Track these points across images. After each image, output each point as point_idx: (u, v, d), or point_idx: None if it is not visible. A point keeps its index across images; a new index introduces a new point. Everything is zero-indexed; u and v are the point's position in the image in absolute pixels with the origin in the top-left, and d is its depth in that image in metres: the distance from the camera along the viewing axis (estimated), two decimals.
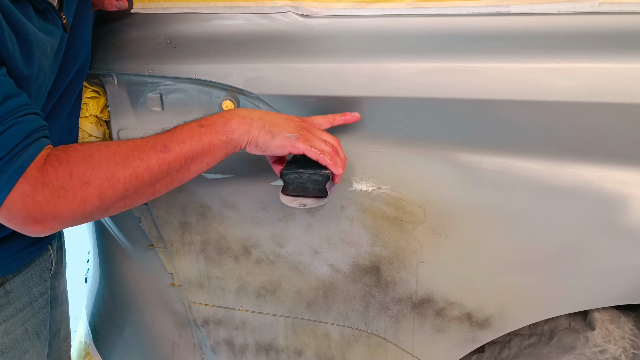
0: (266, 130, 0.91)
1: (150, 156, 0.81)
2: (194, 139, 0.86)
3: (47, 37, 0.84)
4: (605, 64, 0.90)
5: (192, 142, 0.85)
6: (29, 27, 0.78)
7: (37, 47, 0.80)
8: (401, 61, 0.97)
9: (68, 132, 1.05)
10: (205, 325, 1.24)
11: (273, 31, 1.03)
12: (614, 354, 1.09)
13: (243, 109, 0.92)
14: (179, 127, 0.86)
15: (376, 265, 1.08)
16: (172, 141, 0.84)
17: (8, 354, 1.04)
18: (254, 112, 0.92)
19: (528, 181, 1.00)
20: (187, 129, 0.86)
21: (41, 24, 0.83)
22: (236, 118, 0.89)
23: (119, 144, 0.80)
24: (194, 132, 0.86)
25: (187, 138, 0.85)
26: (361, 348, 1.18)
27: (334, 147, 0.94)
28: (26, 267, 1.07)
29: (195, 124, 0.87)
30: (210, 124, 0.88)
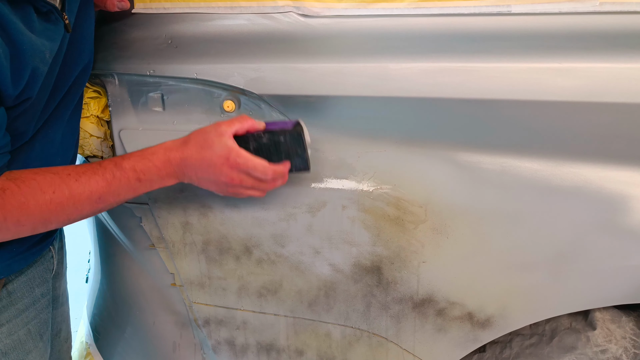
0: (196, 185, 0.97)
1: (84, 206, 0.88)
2: (129, 193, 0.92)
3: (47, 41, 0.84)
4: (606, 63, 0.91)
5: (126, 195, 0.92)
6: (25, 37, 0.78)
7: (32, 57, 0.80)
8: (402, 61, 0.97)
9: (70, 132, 1.05)
10: (206, 325, 1.24)
11: (274, 31, 1.03)
12: (615, 353, 1.09)
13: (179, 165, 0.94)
14: (117, 176, 0.90)
15: (377, 265, 1.08)
16: (108, 194, 0.89)
17: (11, 354, 1.04)
18: (187, 172, 0.95)
19: (529, 181, 1.00)
20: (124, 182, 0.90)
21: (43, 26, 0.83)
22: (171, 180, 0.95)
23: (55, 189, 0.84)
24: (130, 187, 0.91)
25: (123, 192, 0.91)
26: (362, 348, 1.18)
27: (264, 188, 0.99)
28: (28, 267, 1.07)
29: (133, 176, 0.91)
30: (148, 180, 0.92)
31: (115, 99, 1.13)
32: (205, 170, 0.94)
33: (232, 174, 0.94)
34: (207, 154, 0.92)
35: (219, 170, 0.93)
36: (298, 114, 1.05)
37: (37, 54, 0.81)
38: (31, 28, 0.79)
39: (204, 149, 0.93)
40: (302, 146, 0.96)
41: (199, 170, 0.94)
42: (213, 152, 0.92)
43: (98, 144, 1.20)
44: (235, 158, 0.93)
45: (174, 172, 0.94)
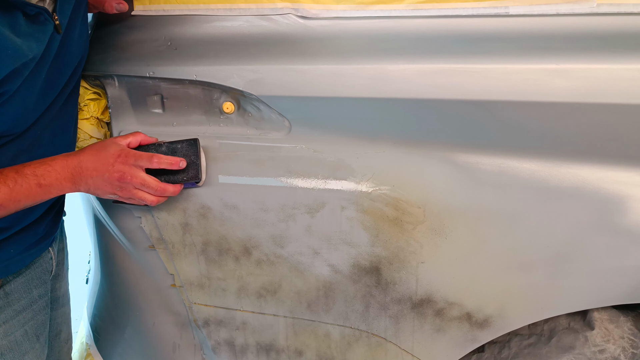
0: (92, 192, 1.00)
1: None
2: (28, 199, 0.93)
3: (34, 43, 0.85)
4: (603, 64, 0.91)
5: (26, 201, 0.93)
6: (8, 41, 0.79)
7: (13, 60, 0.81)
8: (400, 62, 0.98)
9: (61, 132, 1.05)
10: (206, 325, 1.25)
11: (273, 33, 1.03)
12: (613, 353, 1.09)
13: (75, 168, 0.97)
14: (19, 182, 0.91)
15: (376, 265, 1.09)
16: (9, 200, 0.90)
17: (7, 355, 1.04)
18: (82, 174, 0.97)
19: (527, 181, 1.00)
20: (26, 187, 0.91)
21: (31, 29, 0.84)
22: (68, 184, 0.96)
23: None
24: (30, 193, 0.92)
25: (23, 198, 0.92)
26: (361, 348, 1.18)
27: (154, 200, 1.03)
28: (26, 269, 1.07)
29: (34, 182, 0.92)
30: (48, 185, 0.94)
31: (115, 101, 1.14)
32: (99, 168, 0.97)
33: (123, 168, 0.98)
34: (102, 155, 0.98)
35: (111, 167, 0.97)
36: (296, 115, 1.05)
37: (19, 58, 0.82)
38: (17, 32, 0.80)
39: (99, 151, 0.98)
40: (197, 154, 1.03)
41: (94, 172, 0.97)
42: (107, 152, 0.98)
43: None
44: (126, 154, 0.98)
45: (70, 177, 0.96)
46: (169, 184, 1.02)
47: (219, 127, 1.12)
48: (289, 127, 1.08)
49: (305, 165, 1.07)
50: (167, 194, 1.03)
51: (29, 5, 0.81)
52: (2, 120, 0.88)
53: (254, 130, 1.10)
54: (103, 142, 1.00)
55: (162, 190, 1.01)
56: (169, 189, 1.02)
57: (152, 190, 1.00)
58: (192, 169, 1.03)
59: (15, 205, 0.91)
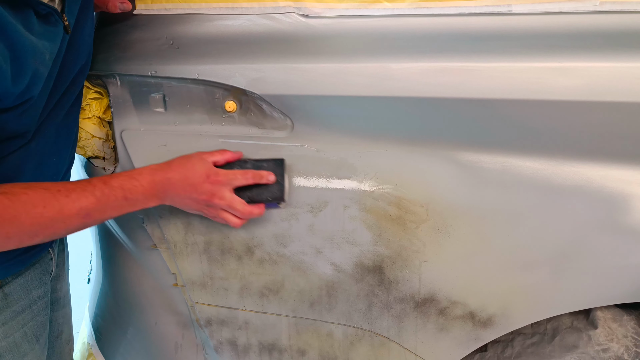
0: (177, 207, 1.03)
1: (72, 221, 0.90)
2: (114, 210, 0.95)
3: (47, 42, 0.84)
4: (607, 62, 0.91)
5: (111, 213, 0.95)
6: (26, 39, 0.78)
7: (33, 59, 0.81)
8: (403, 61, 0.98)
9: (66, 132, 1.05)
10: (208, 325, 1.24)
11: (275, 32, 1.03)
12: (617, 352, 1.09)
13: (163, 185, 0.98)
14: (106, 193, 0.92)
15: (379, 264, 1.09)
16: (96, 210, 0.92)
17: (6, 357, 1.04)
18: (169, 192, 0.99)
19: (530, 180, 1.00)
20: (112, 199, 0.93)
21: (43, 29, 0.83)
22: (154, 200, 0.99)
23: (46, 203, 0.86)
24: (116, 205, 0.94)
25: (109, 209, 0.94)
26: (364, 347, 1.18)
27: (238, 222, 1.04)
28: (26, 270, 1.07)
29: (120, 195, 0.94)
30: (134, 199, 0.96)
31: (117, 100, 1.14)
32: (187, 188, 0.99)
33: (212, 189, 0.99)
34: (189, 173, 0.99)
35: (199, 187, 0.99)
36: (299, 114, 1.05)
37: (37, 56, 0.82)
38: (31, 30, 0.80)
39: (187, 169, 0.99)
40: (282, 174, 1.02)
41: (180, 189, 0.99)
42: (195, 171, 0.99)
43: (100, 144, 1.20)
44: (215, 175, 1.00)
45: (157, 193, 0.98)
46: (254, 207, 1.03)
47: (221, 126, 1.12)
48: (292, 126, 1.08)
49: (308, 164, 1.07)
50: (252, 216, 1.04)
51: (41, 5, 0.81)
52: (24, 122, 0.89)
53: (256, 129, 1.10)
54: (190, 159, 1.01)
55: (248, 214, 1.02)
56: (254, 211, 1.03)
57: (239, 213, 1.02)
58: (276, 189, 1.03)
59: (100, 216, 0.93)
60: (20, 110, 0.85)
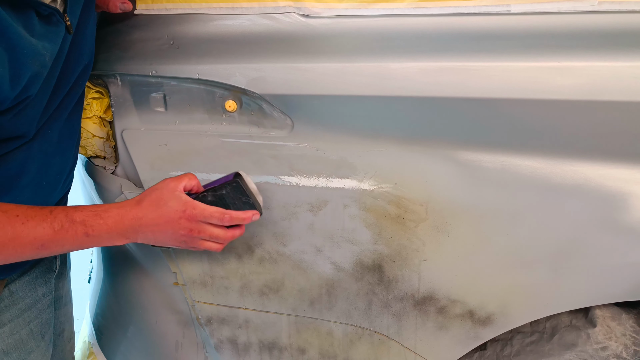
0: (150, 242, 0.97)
1: (25, 250, 0.85)
2: (73, 245, 0.89)
3: (48, 43, 0.84)
4: (605, 62, 0.91)
5: (70, 247, 0.90)
6: (25, 42, 0.78)
7: (32, 61, 0.80)
8: (403, 60, 0.98)
9: (69, 133, 1.05)
10: (208, 324, 1.25)
11: (275, 31, 1.03)
12: (615, 350, 1.10)
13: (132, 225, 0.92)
14: (65, 227, 0.87)
15: (379, 263, 1.09)
16: (53, 242, 0.86)
17: (13, 354, 1.05)
18: (140, 230, 0.93)
19: (529, 179, 1.01)
20: (71, 234, 0.87)
21: (44, 29, 0.83)
22: (121, 239, 0.93)
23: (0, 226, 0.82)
24: (76, 240, 0.89)
25: (68, 244, 0.89)
26: (364, 346, 1.18)
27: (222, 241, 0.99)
28: (31, 268, 1.08)
29: (81, 230, 0.88)
30: (96, 236, 0.90)
31: (117, 100, 1.14)
32: (163, 226, 0.94)
33: (190, 225, 0.94)
34: (164, 211, 0.93)
35: (176, 224, 0.94)
36: (299, 113, 1.06)
37: (37, 58, 0.81)
38: (32, 32, 0.80)
39: (160, 206, 0.93)
40: (246, 194, 0.97)
41: (155, 228, 0.94)
42: (169, 208, 0.93)
43: (101, 144, 1.20)
44: (192, 210, 0.94)
45: (125, 232, 0.93)
46: (235, 229, 0.99)
47: (221, 126, 1.12)
48: (292, 125, 1.08)
49: (308, 164, 1.08)
50: (235, 238, 1.00)
51: (43, 5, 0.81)
52: (21, 122, 0.88)
53: (256, 128, 1.11)
54: (160, 193, 0.94)
55: (231, 238, 0.99)
56: (236, 233, 0.99)
57: (222, 240, 0.98)
58: (248, 207, 0.98)
59: (58, 248, 0.89)
60: (16, 110, 0.84)
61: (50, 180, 1.01)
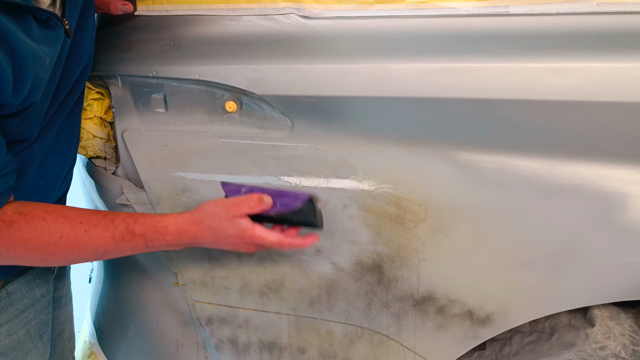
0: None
1: (87, 255, 0.90)
2: (134, 252, 0.95)
3: (47, 47, 0.85)
4: (603, 63, 0.92)
5: (130, 253, 0.95)
6: (26, 45, 0.79)
7: (33, 65, 0.81)
8: (402, 61, 0.98)
9: (67, 133, 1.05)
10: (209, 323, 1.25)
11: (275, 32, 1.04)
12: (614, 350, 1.10)
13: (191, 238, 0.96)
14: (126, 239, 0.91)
15: (378, 263, 1.09)
16: (114, 249, 0.92)
17: (10, 355, 1.05)
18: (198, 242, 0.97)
19: (528, 179, 1.01)
20: (132, 245, 0.93)
21: (43, 34, 0.84)
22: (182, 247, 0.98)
23: (63, 234, 0.86)
24: (136, 249, 0.94)
25: (128, 251, 0.94)
26: (364, 346, 1.19)
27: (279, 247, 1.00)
28: (28, 268, 1.08)
29: (141, 243, 0.93)
30: (156, 247, 0.95)
31: (118, 100, 1.15)
32: (222, 245, 0.99)
33: (249, 248, 0.99)
34: (222, 238, 0.96)
35: (235, 245, 0.98)
36: (299, 114, 1.06)
37: (37, 62, 0.82)
38: (31, 36, 0.80)
39: (218, 233, 0.96)
40: (314, 223, 0.99)
41: (213, 246, 0.99)
42: (228, 235, 0.96)
43: (101, 144, 1.21)
44: (251, 237, 0.96)
45: (182, 245, 0.97)
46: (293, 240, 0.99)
47: (221, 126, 1.12)
48: (292, 126, 1.09)
49: (308, 164, 1.08)
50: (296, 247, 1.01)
51: (40, 10, 0.81)
52: (26, 127, 0.89)
53: (256, 129, 1.11)
54: (219, 220, 0.95)
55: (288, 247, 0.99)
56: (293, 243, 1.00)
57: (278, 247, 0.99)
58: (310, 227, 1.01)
59: (118, 254, 0.94)
60: (23, 116, 0.85)
61: (48, 180, 1.01)
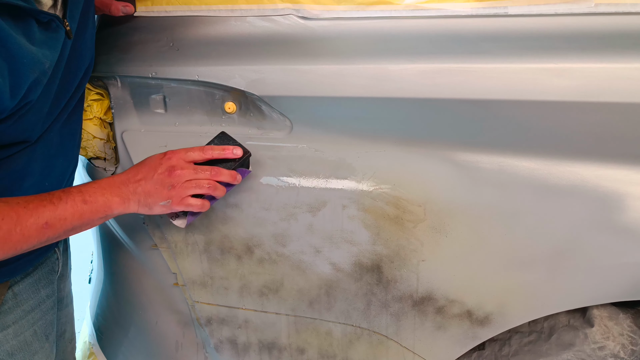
0: (142, 204, 0.98)
1: (31, 232, 0.86)
2: (75, 217, 0.92)
3: (48, 51, 0.85)
4: (601, 64, 0.92)
5: (72, 220, 0.92)
6: (25, 51, 0.79)
7: (32, 70, 0.81)
8: (401, 62, 0.99)
9: (70, 134, 1.05)
10: (208, 324, 1.26)
11: (274, 33, 1.04)
12: (613, 350, 1.10)
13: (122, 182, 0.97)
14: (64, 199, 0.91)
15: (377, 263, 1.10)
16: (55, 218, 0.89)
17: (18, 355, 1.05)
18: (130, 186, 0.97)
19: (527, 180, 1.01)
20: (70, 205, 0.91)
21: (44, 36, 0.84)
22: (116, 199, 0.96)
23: (4, 215, 0.83)
24: (75, 210, 0.92)
25: (69, 216, 0.91)
26: (363, 346, 1.19)
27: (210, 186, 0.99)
28: (34, 269, 1.08)
29: (79, 198, 0.92)
30: (93, 201, 0.93)
31: (117, 101, 1.15)
32: (146, 173, 0.98)
33: (171, 163, 0.98)
34: (147, 161, 0.99)
35: (159, 166, 0.98)
36: (298, 115, 1.07)
37: (37, 67, 0.82)
38: (32, 40, 0.80)
39: (145, 161, 1.00)
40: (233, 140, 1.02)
41: (141, 179, 0.97)
42: (150, 159, 1.00)
43: (101, 145, 1.21)
44: (171, 152, 0.99)
45: (118, 191, 0.96)
46: (224, 173, 0.99)
47: (221, 127, 1.13)
48: (291, 126, 1.09)
49: (307, 165, 1.08)
50: (222, 178, 1.00)
51: (42, 13, 0.81)
52: (22, 128, 0.89)
53: (255, 129, 1.11)
54: (153, 156, 1.00)
55: (216, 174, 0.99)
56: (223, 172, 1.00)
57: (207, 175, 0.98)
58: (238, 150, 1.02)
59: (62, 225, 0.90)
60: (16, 117, 0.85)
61: (53, 181, 1.01)
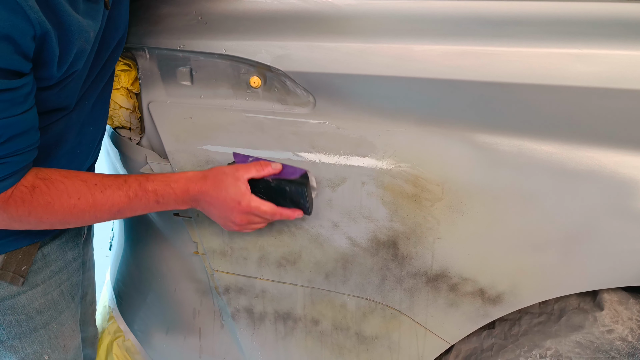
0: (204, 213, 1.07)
1: (103, 215, 0.95)
2: (144, 210, 1.00)
3: (91, 21, 0.87)
4: (625, 50, 0.92)
5: (142, 211, 1.00)
6: (73, 19, 0.81)
7: (79, 38, 0.84)
8: (425, 43, 0.99)
9: (102, 103, 1.09)
10: (226, 293, 1.29)
11: (301, 10, 1.05)
12: (621, 334, 1.12)
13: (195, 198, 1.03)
14: (139, 195, 0.97)
15: (394, 240, 1.12)
16: (127, 209, 0.97)
17: (45, 313, 1.10)
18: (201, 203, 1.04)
19: (545, 163, 1.02)
20: (144, 201, 0.98)
21: (87, 7, 0.86)
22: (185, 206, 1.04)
23: (81, 196, 0.91)
24: (147, 206, 0.99)
25: (140, 209, 0.99)
26: (376, 319, 1.22)
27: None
28: (61, 232, 1.12)
29: (153, 199, 0.99)
30: (165, 203, 1.01)
31: (145, 72, 1.17)
32: (218, 208, 1.03)
33: (241, 216, 1.03)
34: (222, 195, 1.01)
35: (230, 211, 1.02)
36: (322, 91, 1.08)
37: (82, 35, 0.85)
38: (77, 9, 0.83)
39: (220, 189, 1.01)
40: (305, 197, 1.04)
41: (212, 206, 1.03)
42: (227, 194, 1.01)
43: (127, 115, 1.23)
44: (248, 203, 1.02)
45: (188, 201, 1.02)
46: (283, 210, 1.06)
47: (245, 101, 1.15)
48: (314, 102, 1.10)
49: (328, 141, 1.10)
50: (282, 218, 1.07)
51: None
52: (64, 95, 0.93)
53: (279, 105, 1.13)
54: (224, 177, 1.02)
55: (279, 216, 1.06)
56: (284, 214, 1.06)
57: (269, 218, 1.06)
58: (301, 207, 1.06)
59: (131, 213, 1.00)
60: (63, 85, 0.88)
61: (84, 149, 1.05)
